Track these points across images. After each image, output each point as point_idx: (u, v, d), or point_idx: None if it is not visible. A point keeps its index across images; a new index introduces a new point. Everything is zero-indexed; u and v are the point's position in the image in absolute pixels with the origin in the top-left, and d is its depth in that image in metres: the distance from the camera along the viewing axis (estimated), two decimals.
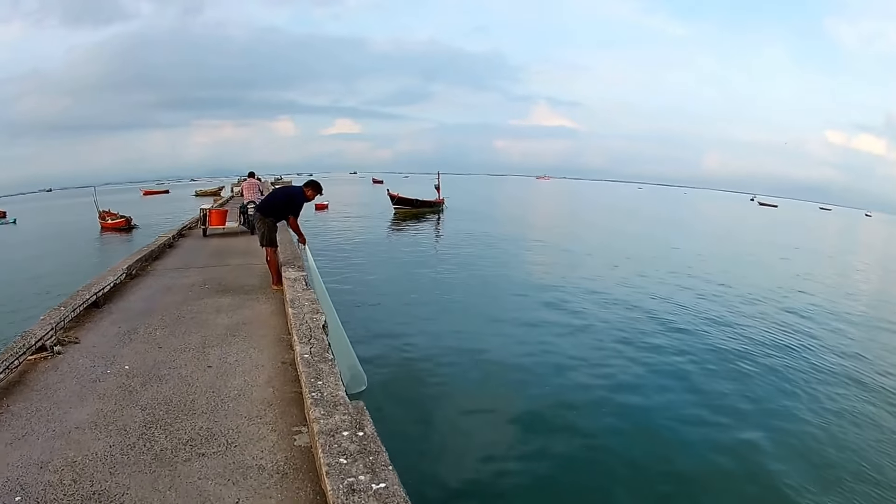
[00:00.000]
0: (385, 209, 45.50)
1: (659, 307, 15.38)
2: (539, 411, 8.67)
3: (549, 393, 9.41)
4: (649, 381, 10.06)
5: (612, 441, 7.92)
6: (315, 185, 8.91)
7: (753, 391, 9.94)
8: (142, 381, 5.08)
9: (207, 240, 15.62)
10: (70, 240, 33.07)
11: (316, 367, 4.51)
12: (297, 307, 6.40)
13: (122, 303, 8.07)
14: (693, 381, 10.24)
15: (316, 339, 5.19)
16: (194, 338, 6.28)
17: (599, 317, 13.99)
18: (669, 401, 9.26)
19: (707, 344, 12.35)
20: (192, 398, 4.68)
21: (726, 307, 16.15)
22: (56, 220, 53.01)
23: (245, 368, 5.31)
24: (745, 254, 29.63)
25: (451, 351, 11.13)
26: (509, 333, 12.43)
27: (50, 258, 25.27)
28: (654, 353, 11.45)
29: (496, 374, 10.16)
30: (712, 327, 13.73)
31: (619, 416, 8.57)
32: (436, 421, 8.25)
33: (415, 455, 7.06)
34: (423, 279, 18.30)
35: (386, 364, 10.19)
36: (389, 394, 8.80)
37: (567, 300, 15.67)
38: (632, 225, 46.44)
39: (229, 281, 9.53)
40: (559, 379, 9.99)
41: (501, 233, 33.08)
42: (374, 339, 11.46)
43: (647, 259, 25.11)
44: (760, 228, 53.58)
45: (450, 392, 9.22)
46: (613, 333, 12.68)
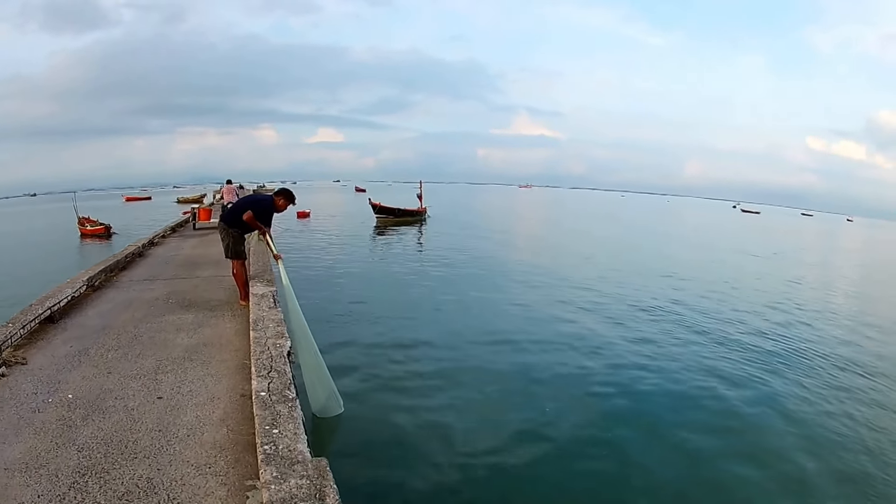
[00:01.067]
0: (367, 218, 44.90)
1: (653, 318, 14.87)
2: (528, 430, 8.19)
3: (537, 408, 8.92)
4: (655, 400, 9.57)
5: (608, 465, 7.50)
6: (287, 193, 8.35)
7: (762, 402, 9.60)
8: (84, 413, 4.60)
9: (179, 249, 15.07)
10: (47, 246, 32.46)
11: (273, 410, 3.98)
12: (260, 329, 5.88)
13: (79, 318, 7.55)
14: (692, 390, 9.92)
15: (276, 372, 4.67)
16: (148, 362, 5.78)
17: (591, 329, 13.43)
18: (677, 423, 8.81)
19: (710, 354, 11.95)
20: (135, 437, 4.19)
21: (726, 316, 15.76)
22: (36, 226, 52.35)
23: (199, 401, 4.81)
24: (739, 263, 29.16)
25: (434, 368, 10.55)
26: (495, 348, 11.90)
27: (22, 265, 24.69)
28: (652, 369, 10.94)
29: (482, 392, 9.64)
30: (712, 337, 13.32)
31: (616, 439, 8.11)
32: (418, 446, 7.70)
33: (393, 483, 6.64)
34: (404, 291, 17.75)
35: (364, 385, 9.64)
36: (368, 417, 8.25)
37: (559, 312, 15.16)
38: (618, 232, 45.90)
39: (195, 295, 9.00)
40: (549, 395, 9.46)
41: (486, 243, 32.41)
42: (351, 358, 10.94)
43: (637, 267, 24.72)
44: (747, 235, 53.19)
45: (433, 414, 8.67)
46: (607, 345, 12.20)
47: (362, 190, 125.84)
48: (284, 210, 8.38)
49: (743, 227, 68.70)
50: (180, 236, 18.49)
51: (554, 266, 24.22)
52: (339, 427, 7.66)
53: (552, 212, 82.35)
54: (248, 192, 32.54)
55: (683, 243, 38.07)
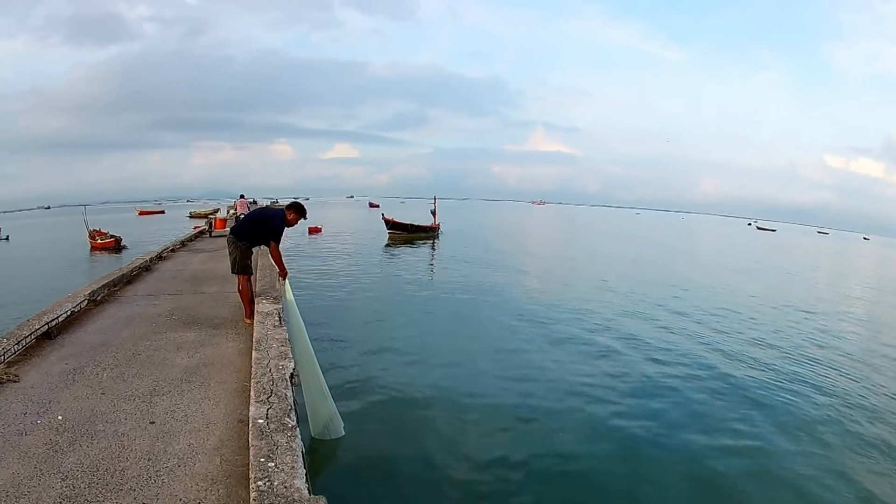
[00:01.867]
0: (379, 234, 44.96)
1: (669, 338, 14.67)
2: (539, 460, 7.89)
3: (549, 436, 8.69)
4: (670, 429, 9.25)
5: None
6: (298, 207, 8.11)
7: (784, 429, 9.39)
8: (72, 437, 4.33)
9: (187, 263, 14.86)
10: (57, 259, 32.50)
11: (270, 440, 3.66)
12: (262, 350, 5.57)
13: (78, 334, 7.30)
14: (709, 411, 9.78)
15: (277, 397, 4.36)
16: (144, 382, 5.50)
17: (609, 352, 13.15)
18: (689, 447, 8.51)
19: (724, 373, 11.87)
20: (122, 466, 3.90)
21: (749, 338, 15.54)
22: (48, 238, 52.61)
23: (193, 427, 4.52)
24: (763, 283, 28.60)
25: (440, 392, 10.30)
26: (505, 371, 11.60)
27: (29, 278, 24.65)
28: (668, 391, 10.75)
29: (490, 417, 9.35)
30: (731, 358, 13.17)
31: (637, 474, 7.80)
32: (420, 475, 7.43)
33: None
34: (413, 310, 17.49)
35: (367, 407, 9.39)
36: (369, 442, 8.02)
37: (574, 334, 14.79)
38: (634, 251, 45.35)
39: (199, 311, 8.72)
40: (561, 422, 9.19)
41: (499, 261, 32.10)
42: (355, 378, 10.71)
43: (653, 286, 24.40)
44: (770, 255, 52.30)
45: (436, 440, 8.38)
46: (626, 369, 11.96)
47: (376, 206, 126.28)
48: (295, 224, 8.13)
49: (762, 245, 67.83)
50: (189, 250, 18.32)
51: (568, 285, 23.94)
52: (339, 450, 7.51)
53: (566, 229, 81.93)
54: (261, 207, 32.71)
55: (702, 263, 37.50)
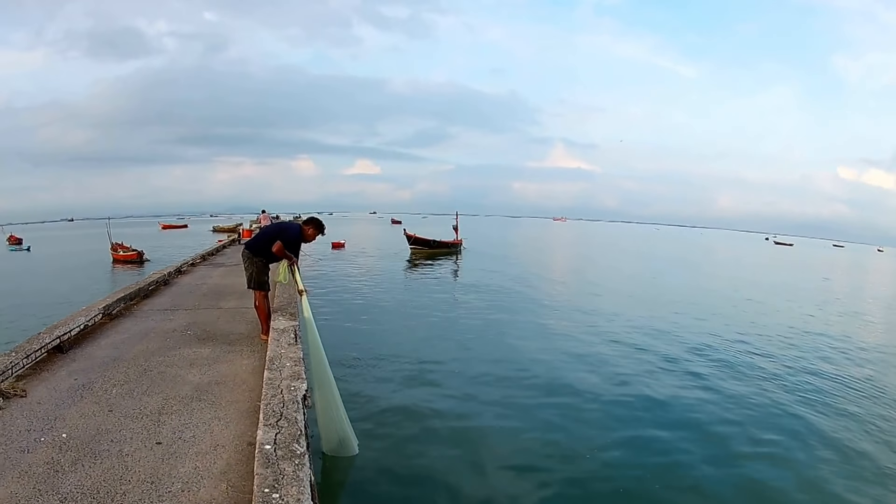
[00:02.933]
0: (401, 249, 44.94)
1: (709, 359, 14.21)
2: (561, 478, 7.70)
3: (572, 455, 8.42)
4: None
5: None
6: (316, 222, 7.95)
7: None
8: (74, 456, 4.17)
9: (206, 278, 14.81)
10: (78, 271, 32.73)
11: (276, 469, 3.44)
12: (275, 369, 5.38)
13: (90, 348, 7.18)
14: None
15: (287, 420, 4.15)
16: (153, 400, 5.33)
17: (633, 372, 12.67)
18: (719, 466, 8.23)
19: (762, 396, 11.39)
20: (124, 489, 3.72)
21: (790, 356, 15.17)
22: (70, 250, 53.13)
23: (201, 449, 4.33)
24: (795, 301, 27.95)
25: (458, 411, 10.04)
26: (528, 391, 11.31)
27: (49, 292, 24.73)
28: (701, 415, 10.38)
29: (510, 436, 9.10)
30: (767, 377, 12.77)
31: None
32: (436, 494, 7.22)
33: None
34: (434, 328, 17.25)
35: (383, 426, 9.14)
36: (383, 461, 7.79)
37: (603, 355, 14.37)
38: (658, 268, 44.35)
39: (215, 327, 8.58)
40: (586, 440, 8.94)
41: (522, 277, 31.65)
42: (371, 396, 10.49)
43: (683, 306, 23.50)
44: (797, 270, 51.32)
45: (452, 463, 8.11)
46: (652, 388, 11.56)
47: (398, 222, 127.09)
48: (313, 240, 8.00)
49: (783, 261, 66.66)
50: (210, 265, 18.29)
51: (593, 303, 23.29)
52: (352, 469, 7.32)
53: (588, 245, 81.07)
54: (280, 222, 33.00)
55: (734, 281, 36.64)
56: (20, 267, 38.89)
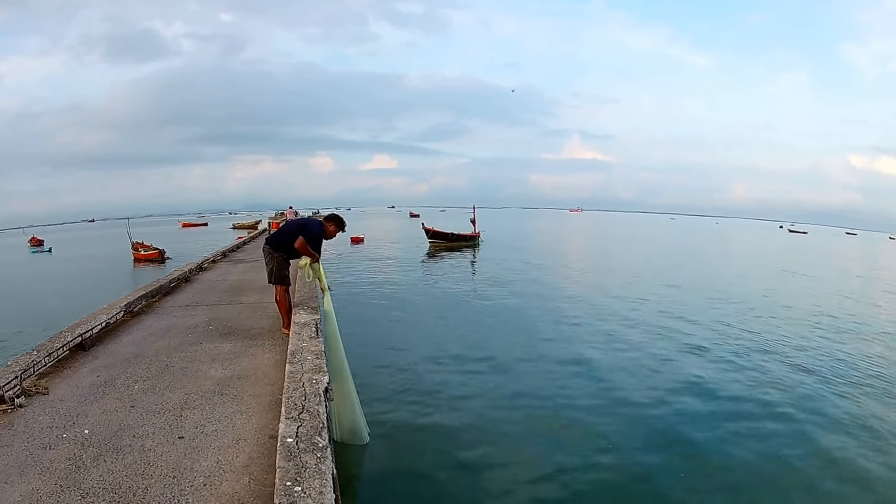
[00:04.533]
0: (420, 242, 45.14)
1: (729, 350, 13.96)
2: (576, 468, 7.71)
3: (589, 445, 8.41)
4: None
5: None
6: (337, 219, 7.94)
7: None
8: (96, 452, 4.14)
9: (227, 274, 14.87)
10: (100, 271, 33.03)
11: (298, 461, 3.38)
12: (296, 363, 5.32)
13: (112, 345, 7.18)
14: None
15: (308, 413, 4.09)
16: (175, 395, 5.30)
17: (654, 363, 12.62)
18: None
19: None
20: (146, 484, 3.68)
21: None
22: (91, 250, 53.71)
23: (223, 443, 4.28)
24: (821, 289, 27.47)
25: (473, 404, 10.08)
26: (545, 381, 11.26)
27: (73, 290, 24.94)
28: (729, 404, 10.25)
29: (525, 428, 9.09)
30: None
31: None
32: (446, 485, 7.26)
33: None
34: (452, 319, 17.23)
35: (395, 415, 9.32)
36: (395, 450, 7.96)
37: (623, 344, 14.28)
38: (679, 259, 43.80)
39: (237, 322, 8.56)
40: (602, 432, 8.88)
41: (541, 269, 31.75)
42: (386, 386, 10.68)
43: (709, 294, 23.37)
44: (822, 259, 50.43)
45: (463, 455, 8.10)
46: (673, 380, 11.46)
47: (416, 215, 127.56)
48: (334, 237, 7.98)
49: (800, 249, 65.67)
50: (230, 261, 18.37)
51: (612, 294, 23.04)
52: (364, 458, 7.46)
53: (605, 236, 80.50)
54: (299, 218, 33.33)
55: (757, 271, 36.17)
56: (43, 268, 39.30)
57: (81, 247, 62.98)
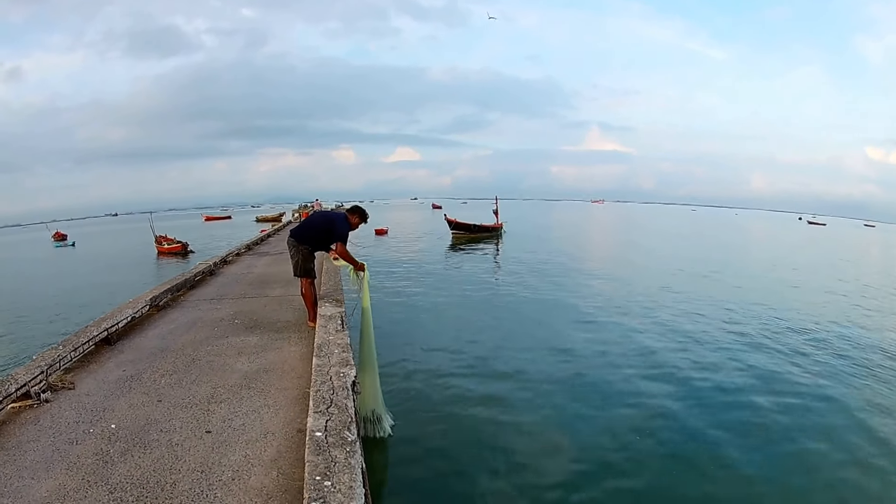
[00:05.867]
0: (443, 234, 45.08)
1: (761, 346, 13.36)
2: (602, 464, 7.48)
3: (617, 442, 8.12)
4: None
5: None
6: (360, 211, 7.85)
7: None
8: (124, 447, 4.10)
9: (252, 267, 14.84)
10: (124, 265, 33.25)
11: (328, 456, 3.31)
12: (323, 356, 5.25)
13: (138, 339, 7.17)
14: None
15: (337, 407, 4.02)
16: (202, 389, 5.26)
17: (685, 358, 12.11)
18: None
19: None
20: (174, 479, 3.64)
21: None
22: (114, 244, 54.12)
23: (250, 437, 4.23)
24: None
25: (498, 395, 9.92)
26: (572, 376, 11.03)
27: (97, 284, 25.11)
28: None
29: (549, 422, 8.89)
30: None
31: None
32: (469, 479, 7.11)
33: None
34: (476, 311, 17.02)
35: (418, 408, 9.16)
36: (416, 443, 7.79)
37: (650, 342, 13.60)
38: (704, 251, 42.27)
39: (262, 315, 8.51)
40: (631, 429, 8.59)
41: (566, 262, 31.04)
42: (407, 375, 10.65)
43: (739, 289, 22.40)
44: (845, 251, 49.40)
45: (490, 444, 8.01)
46: (704, 375, 11.04)
47: (439, 207, 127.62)
48: (357, 228, 7.89)
49: (821, 240, 64.40)
50: (255, 254, 18.39)
51: (640, 287, 22.38)
52: (387, 449, 7.38)
53: (628, 227, 79.41)
54: (323, 211, 33.35)
55: (788, 263, 35.37)
56: (66, 263, 39.62)
57: (105, 241, 63.56)
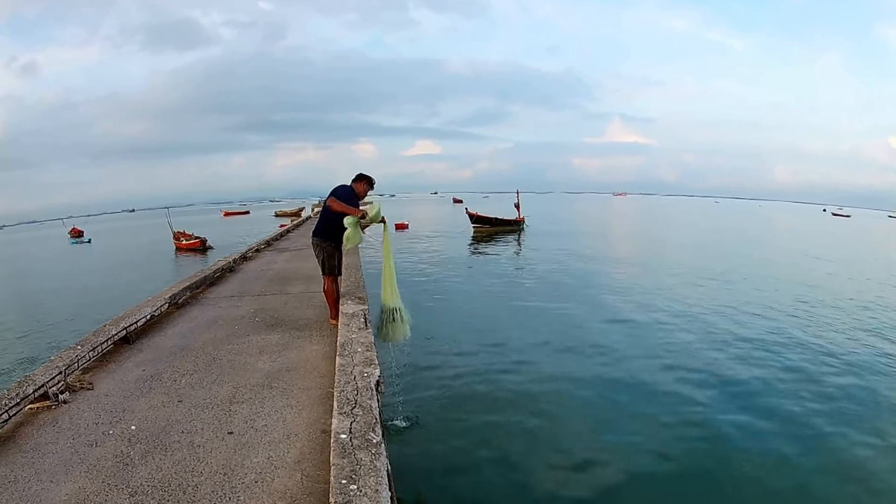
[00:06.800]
0: (464, 228, 45.00)
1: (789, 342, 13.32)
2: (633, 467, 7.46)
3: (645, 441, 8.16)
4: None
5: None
6: (366, 177, 7.55)
7: None
8: (144, 449, 4.02)
9: (272, 263, 14.77)
10: (142, 261, 33.46)
11: (353, 459, 3.21)
12: (347, 355, 5.14)
13: (157, 338, 7.10)
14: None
15: (361, 408, 3.91)
16: (224, 389, 5.17)
17: (709, 356, 12.12)
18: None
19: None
20: (196, 482, 3.54)
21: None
22: (131, 241, 54.51)
23: (273, 438, 4.13)
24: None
25: (521, 389, 10.04)
26: (591, 367, 11.05)
27: (115, 282, 25.23)
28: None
29: (572, 420, 8.93)
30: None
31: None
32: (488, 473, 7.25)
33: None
34: (499, 306, 17.05)
35: (439, 399, 9.42)
36: (437, 438, 8.01)
37: (677, 339, 13.49)
38: (732, 244, 42.48)
39: (283, 313, 8.40)
40: (648, 429, 8.63)
41: (590, 256, 30.87)
42: (431, 370, 10.82)
43: (774, 283, 22.46)
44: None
45: (511, 438, 8.18)
46: (730, 375, 11.02)
47: (459, 201, 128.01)
48: (365, 195, 7.63)
49: (857, 235, 63.10)
50: (275, 250, 18.37)
51: (666, 284, 22.02)
52: (405, 446, 7.55)
53: (654, 221, 78.62)
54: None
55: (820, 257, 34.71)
56: (83, 260, 39.90)
57: (122, 237, 64.09)
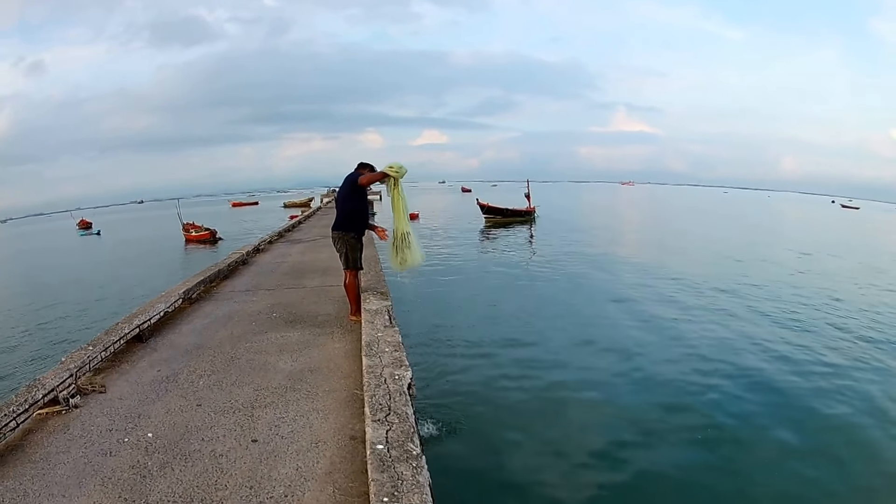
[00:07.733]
0: (474, 218, 44.72)
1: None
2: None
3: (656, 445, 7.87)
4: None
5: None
6: (368, 165, 7.42)
7: None
8: (162, 459, 3.75)
9: (286, 255, 14.48)
10: (152, 253, 33.25)
11: (392, 473, 2.93)
12: (374, 356, 4.84)
13: (171, 336, 6.82)
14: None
15: (397, 416, 3.60)
16: (245, 392, 4.89)
17: (737, 353, 11.71)
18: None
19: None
20: (220, 496, 3.28)
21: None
22: (140, 232, 54.37)
23: (301, 446, 3.84)
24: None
25: (543, 386, 9.81)
26: (618, 366, 10.79)
27: (126, 275, 25.01)
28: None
29: (596, 415, 8.77)
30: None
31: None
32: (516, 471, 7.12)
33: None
34: (515, 300, 16.70)
35: (461, 404, 9.08)
36: (477, 445, 7.70)
37: (701, 337, 12.92)
38: (744, 236, 41.14)
39: (301, 308, 8.10)
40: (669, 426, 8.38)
41: (605, 247, 30.43)
42: (449, 370, 10.55)
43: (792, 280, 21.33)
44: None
45: (532, 434, 8.06)
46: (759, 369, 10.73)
47: (468, 190, 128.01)
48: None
49: (871, 227, 62.25)
50: (287, 241, 18.08)
51: (686, 276, 21.29)
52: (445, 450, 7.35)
53: (664, 211, 77.80)
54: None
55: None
56: (92, 252, 39.78)
57: (131, 229, 63.88)
